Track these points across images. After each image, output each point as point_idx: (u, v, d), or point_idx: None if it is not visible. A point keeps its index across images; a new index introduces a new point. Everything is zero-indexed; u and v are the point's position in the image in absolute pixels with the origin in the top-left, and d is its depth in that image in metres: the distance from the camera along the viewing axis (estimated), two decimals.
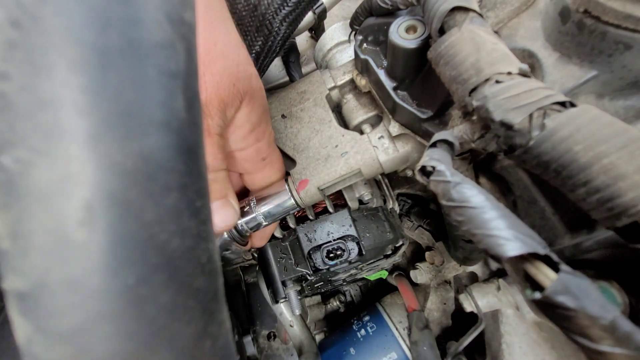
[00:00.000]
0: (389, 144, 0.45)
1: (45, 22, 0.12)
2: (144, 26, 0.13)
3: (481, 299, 0.54)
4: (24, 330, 0.12)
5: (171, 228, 0.14)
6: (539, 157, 0.24)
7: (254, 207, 0.46)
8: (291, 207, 0.47)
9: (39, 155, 0.12)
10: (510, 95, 0.25)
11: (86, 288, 0.12)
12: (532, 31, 0.35)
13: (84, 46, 0.12)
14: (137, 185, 0.13)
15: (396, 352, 0.69)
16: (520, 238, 0.20)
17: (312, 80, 0.51)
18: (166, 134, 0.14)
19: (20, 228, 0.12)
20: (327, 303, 0.94)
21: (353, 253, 0.57)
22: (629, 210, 0.20)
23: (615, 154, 0.21)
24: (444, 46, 0.29)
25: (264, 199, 0.46)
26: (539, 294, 0.19)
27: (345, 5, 0.80)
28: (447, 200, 0.24)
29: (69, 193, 0.12)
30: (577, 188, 0.22)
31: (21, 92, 0.12)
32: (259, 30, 0.48)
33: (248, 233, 0.48)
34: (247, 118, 0.37)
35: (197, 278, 0.15)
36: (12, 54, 0.12)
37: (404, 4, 0.38)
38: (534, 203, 0.38)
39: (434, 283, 0.74)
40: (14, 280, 0.12)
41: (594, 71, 0.31)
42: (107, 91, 0.13)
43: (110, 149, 0.12)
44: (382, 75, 0.42)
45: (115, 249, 0.13)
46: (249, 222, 0.46)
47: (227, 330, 0.17)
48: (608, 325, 0.18)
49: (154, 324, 0.13)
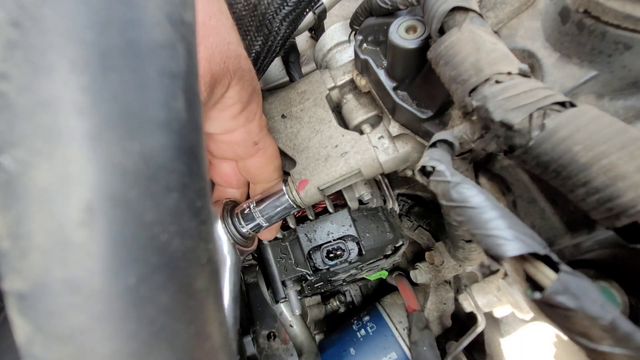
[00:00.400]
0: (388, 144, 0.45)
1: (46, 22, 0.12)
2: (145, 27, 0.13)
3: (481, 299, 0.54)
4: (23, 331, 0.12)
5: (171, 228, 0.14)
6: (538, 157, 0.24)
7: (254, 209, 0.46)
8: (291, 208, 0.47)
9: (39, 155, 0.12)
10: (510, 96, 0.25)
11: (86, 288, 0.12)
12: (532, 31, 0.35)
13: (85, 46, 0.12)
14: (138, 185, 0.13)
15: (396, 352, 0.69)
16: (520, 238, 0.20)
17: (312, 80, 0.51)
18: (167, 135, 0.14)
19: (20, 228, 0.12)
20: (327, 303, 0.94)
21: (353, 253, 0.57)
22: (629, 211, 0.20)
23: (615, 154, 0.21)
24: (444, 46, 0.29)
25: (264, 201, 0.46)
26: (539, 294, 0.19)
27: (345, 5, 0.80)
28: (447, 200, 0.24)
29: (69, 193, 0.12)
30: (576, 188, 0.22)
31: (21, 93, 0.12)
32: (259, 30, 0.48)
33: (250, 235, 0.48)
34: (238, 97, 0.37)
35: (197, 278, 0.15)
36: (12, 54, 0.12)
37: (404, 4, 0.38)
38: (534, 203, 0.38)
39: (434, 283, 0.74)
40: (13, 281, 0.12)
41: (593, 71, 0.31)
42: (108, 91, 0.13)
43: (111, 149, 0.12)
44: (382, 75, 0.42)
45: (115, 250, 0.13)
46: (250, 225, 0.47)
47: (227, 330, 0.17)
48: (608, 325, 0.18)
49: (154, 324, 0.13)
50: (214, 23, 0.33)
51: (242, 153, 0.43)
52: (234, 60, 0.34)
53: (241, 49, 0.36)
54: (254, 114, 0.40)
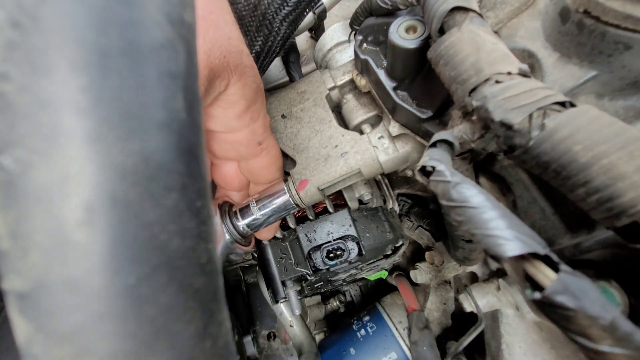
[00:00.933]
0: (388, 144, 0.45)
1: (46, 22, 0.12)
2: (144, 27, 0.13)
3: (481, 299, 0.54)
4: (24, 330, 0.12)
5: (171, 228, 0.14)
6: (538, 157, 0.24)
7: (254, 207, 0.46)
8: (291, 207, 0.47)
9: (39, 155, 0.12)
10: (510, 95, 0.25)
11: (86, 288, 0.12)
12: (532, 31, 0.35)
13: (84, 47, 0.12)
14: (138, 185, 0.13)
15: (396, 352, 0.69)
16: (520, 238, 0.20)
17: (312, 80, 0.51)
18: (166, 135, 0.14)
19: (20, 228, 0.12)
20: (327, 303, 0.94)
21: (353, 253, 0.57)
22: (629, 211, 0.20)
23: (614, 154, 0.21)
24: (444, 46, 0.29)
25: (263, 199, 0.46)
26: (538, 294, 0.19)
27: (345, 5, 0.80)
28: (447, 200, 0.24)
29: (69, 193, 0.12)
30: (576, 188, 0.22)
31: (21, 93, 0.12)
32: (259, 30, 0.48)
33: (249, 233, 0.48)
34: (242, 94, 0.36)
35: (197, 278, 0.15)
36: (12, 54, 0.12)
37: (404, 4, 0.38)
38: (534, 203, 0.38)
39: (434, 283, 0.74)
40: (14, 280, 0.12)
41: (593, 71, 0.31)
42: (107, 92, 0.13)
43: (111, 149, 0.12)
44: (382, 75, 0.42)
45: (115, 249, 0.13)
46: (250, 223, 0.46)
47: (227, 330, 0.17)
48: (608, 325, 0.18)
49: (154, 324, 0.13)
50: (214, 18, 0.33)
51: (245, 153, 0.42)
52: (235, 55, 0.34)
53: (243, 45, 0.36)
54: (258, 113, 0.39)
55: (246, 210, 0.46)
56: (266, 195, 0.46)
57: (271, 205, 0.46)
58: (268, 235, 0.55)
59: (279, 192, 0.46)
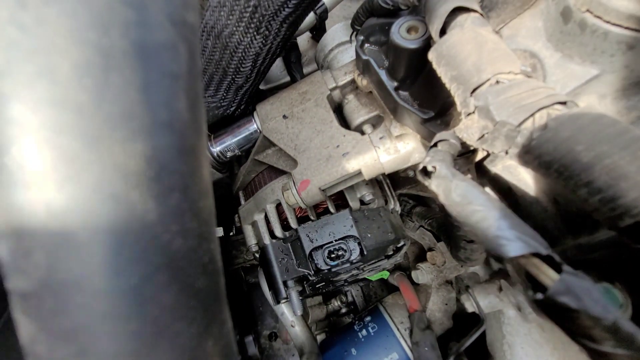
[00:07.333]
0: (390, 144, 0.45)
1: (49, 23, 0.12)
2: (147, 28, 0.14)
3: (483, 299, 0.54)
4: (27, 330, 0.12)
5: (173, 228, 0.14)
6: (540, 157, 0.24)
7: (226, 135, 0.56)
8: (256, 136, 0.54)
9: (40, 155, 0.12)
10: (511, 95, 0.25)
11: (89, 288, 0.12)
12: (534, 31, 0.35)
13: (87, 47, 0.12)
14: (140, 186, 0.13)
15: (397, 352, 0.69)
16: (522, 238, 0.20)
17: (313, 80, 0.51)
18: (168, 135, 0.14)
19: (23, 228, 0.12)
20: (329, 303, 0.94)
21: (354, 253, 0.57)
22: (632, 211, 0.20)
23: (617, 154, 0.21)
24: (445, 46, 0.29)
25: (234, 129, 0.56)
26: (541, 295, 0.19)
27: (347, 5, 0.80)
28: (449, 200, 0.24)
29: (71, 193, 0.12)
30: (579, 188, 0.22)
31: (21, 93, 0.12)
32: (259, 30, 0.48)
33: (223, 160, 0.57)
34: None
35: (199, 278, 0.15)
36: (13, 54, 0.12)
37: (405, 4, 0.38)
38: (536, 203, 0.38)
39: (436, 283, 0.74)
40: (17, 281, 0.12)
41: (595, 71, 0.31)
42: (110, 92, 0.13)
43: (113, 149, 0.13)
44: (384, 75, 0.42)
45: (118, 250, 0.13)
46: (223, 150, 0.55)
47: (228, 330, 0.17)
48: (610, 326, 0.18)
49: (156, 324, 0.13)
50: None
51: None
52: None
53: None
54: None
55: (219, 138, 0.55)
56: (236, 126, 0.56)
57: (240, 134, 0.55)
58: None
59: (248, 124, 0.54)
